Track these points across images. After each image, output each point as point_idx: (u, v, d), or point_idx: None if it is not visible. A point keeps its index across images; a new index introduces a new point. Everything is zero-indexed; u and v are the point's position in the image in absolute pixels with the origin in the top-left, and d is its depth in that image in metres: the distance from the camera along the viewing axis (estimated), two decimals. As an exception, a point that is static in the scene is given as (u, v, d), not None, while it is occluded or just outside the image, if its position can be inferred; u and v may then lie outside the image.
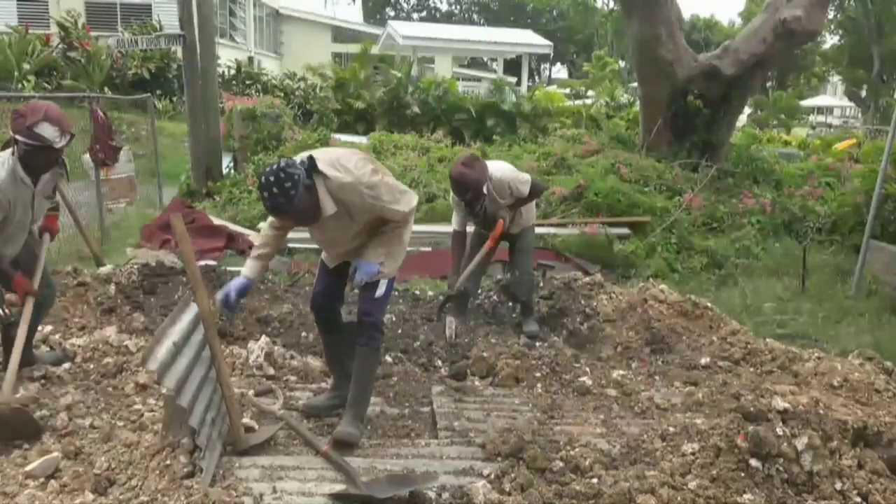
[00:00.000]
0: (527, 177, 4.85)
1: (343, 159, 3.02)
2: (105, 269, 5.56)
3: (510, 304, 5.41)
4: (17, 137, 3.25)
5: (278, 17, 29.63)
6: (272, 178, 2.80)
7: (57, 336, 4.27)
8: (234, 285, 3.13)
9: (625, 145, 11.13)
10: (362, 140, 12.23)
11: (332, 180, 2.92)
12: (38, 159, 3.33)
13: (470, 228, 4.99)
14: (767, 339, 4.81)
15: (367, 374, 3.33)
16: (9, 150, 3.37)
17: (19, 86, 13.98)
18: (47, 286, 3.78)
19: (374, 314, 3.27)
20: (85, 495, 2.63)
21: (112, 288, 5.18)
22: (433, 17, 52.32)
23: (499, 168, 4.77)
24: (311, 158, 2.92)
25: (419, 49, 22.14)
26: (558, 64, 51.74)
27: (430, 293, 5.92)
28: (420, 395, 3.83)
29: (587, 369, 4.28)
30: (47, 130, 3.25)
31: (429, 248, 7.48)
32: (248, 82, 19.08)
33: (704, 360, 4.42)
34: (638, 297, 5.13)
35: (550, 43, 25.62)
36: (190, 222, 7.39)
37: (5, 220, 3.33)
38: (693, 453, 2.88)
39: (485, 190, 4.51)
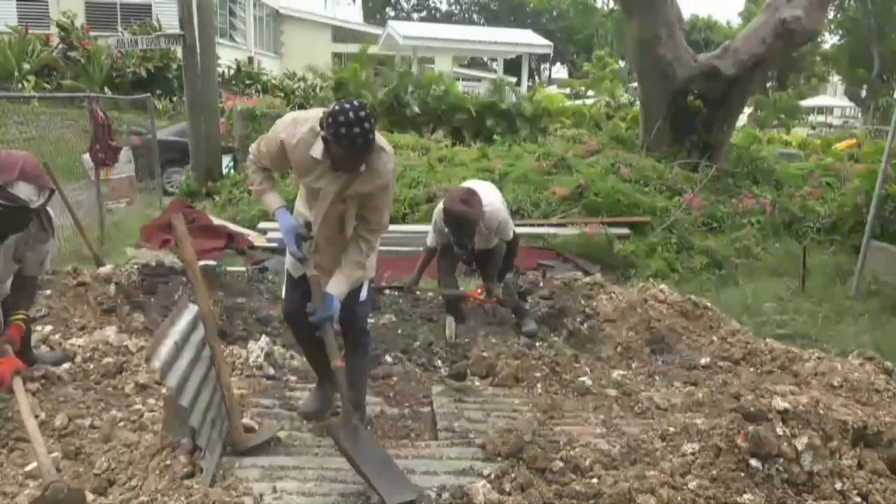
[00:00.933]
0: (510, 221, 4.81)
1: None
2: (105, 269, 5.56)
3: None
4: None
5: (278, 17, 29.63)
6: (362, 114, 2.68)
7: (57, 336, 4.27)
8: (294, 224, 3.01)
9: (625, 145, 11.14)
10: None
11: (379, 144, 2.86)
12: (8, 220, 2.96)
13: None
14: (767, 339, 4.81)
15: (363, 378, 3.38)
16: None
17: (19, 86, 13.99)
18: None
19: (360, 320, 3.25)
20: (85, 495, 2.63)
21: (112, 288, 5.17)
22: (433, 17, 52.33)
23: (491, 202, 4.61)
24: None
25: (419, 49, 22.14)
26: (558, 64, 51.74)
27: (430, 293, 5.92)
28: (420, 395, 3.83)
29: (587, 369, 4.29)
30: (24, 191, 2.86)
31: (429, 248, 7.48)
32: (248, 82, 19.10)
33: (704, 360, 4.42)
34: (638, 297, 5.13)
35: (550, 43, 25.63)
36: (190, 222, 7.39)
37: None
38: (693, 453, 2.88)
39: (478, 226, 4.48)
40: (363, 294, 3.21)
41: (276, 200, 3.10)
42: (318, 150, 2.83)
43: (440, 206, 4.64)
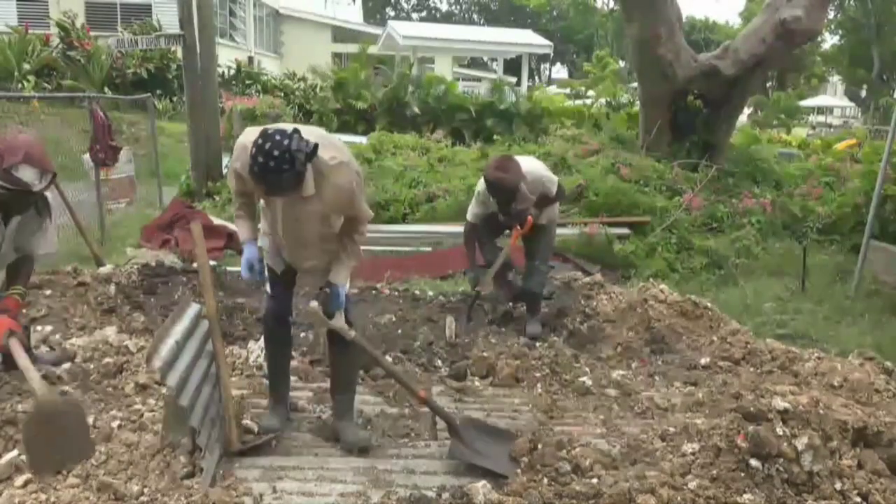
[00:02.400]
0: (555, 178, 4.93)
1: (333, 140, 2.97)
2: (105, 269, 5.57)
3: (511, 304, 5.37)
4: None
5: (278, 17, 29.62)
6: (276, 153, 2.59)
7: (57, 336, 4.27)
8: (251, 256, 3.07)
9: (625, 145, 11.13)
10: (362, 140, 12.22)
11: (322, 161, 2.78)
12: (11, 202, 3.11)
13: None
14: (767, 339, 4.80)
15: (354, 375, 3.42)
16: None
17: (19, 86, 13.99)
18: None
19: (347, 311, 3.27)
20: (85, 495, 2.63)
21: (112, 288, 5.18)
22: (433, 17, 52.35)
23: (531, 166, 4.79)
24: (315, 147, 2.72)
25: (419, 49, 22.13)
26: (558, 64, 51.79)
27: (430, 293, 5.92)
28: (420, 395, 3.83)
29: (587, 369, 4.29)
30: (27, 174, 3.01)
31: (429, 249, 7.48)
32: (248, 82, 19.08)
33: (704, 360, 4.42)
34: (638, 297, 5.13)
35: (550, 43, 25.59)
36: (189, 222, 7.39)
37: None
38: (693, 453, 2.88)
39: (519, 189, 4.54)
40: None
41: (245, 231, 3.12)
42: (310, 187, 2.82)
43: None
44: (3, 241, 3.25)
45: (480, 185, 4.78)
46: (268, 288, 3.32)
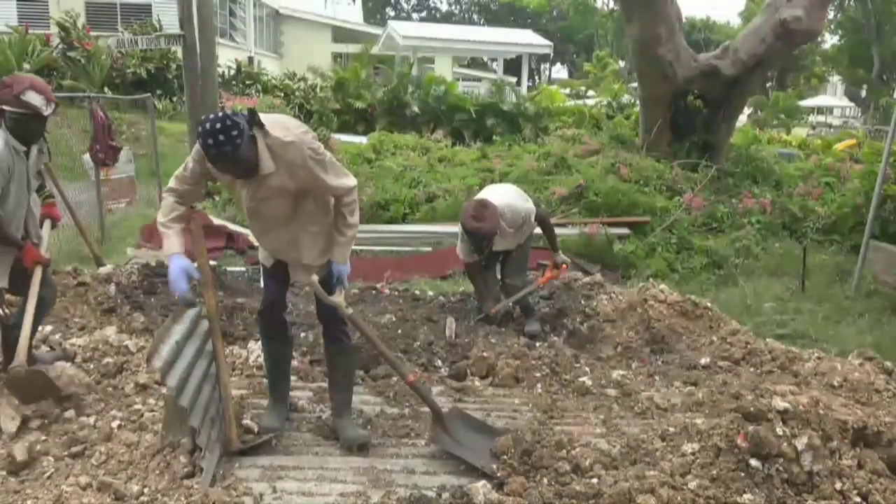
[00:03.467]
0: (532, 207, 4.95)
1: (285, 121, 2.95)
2: (105, 269, 5.56)
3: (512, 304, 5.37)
4: (5, 107, 3.27)
5: (278, 17, 29.62)
6: (218, 125, 2.65)
7: (57, 336, 4.27)
8: (179, 276, 2.95)
9: (625, 145, 11.13)
10: (362, 140, 12.23)
11: (274, 138, 2.81)
12: (26, 128, 3.36)
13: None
14: (767, 339, 4.80)
15: (352, 374, 3.41)
16: None
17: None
18: (47, 285, 3.73)
19: (339, 319, 3.25)
20: (85, 495, 2.63)
21: (112, 288, 5.17)
22: (433, 17, 52.37)
23: (508, 199, 4.81)
24: (251, 112, 2.80)
25: (419, 49, 22.14)
26: (558, 64, 51.80)
27: (430, 293, 5.92)
28: (420, 395, 3.82)
29: (587, 369, 4.28)
30: (35, 98, 3.29)
31: (429, 249, 7.49)
32: (248, 82, 19.07)
33: (704, 360, 4.42)
34: (638, 297, 5.13)
35: (550, 43, 25.61)
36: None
37: (4, 193, 3.33)
38: (693, 453, 2.88)
39: (497, 231, 4.63)
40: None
41: (173, 245, 3.04)
42: (268, 164, 2.83)
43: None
44: (29, 173, 3.48)
45: (461, 226, 4.82)
46: (262, 284, 3.35)
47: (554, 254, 5.18)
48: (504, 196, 4.87)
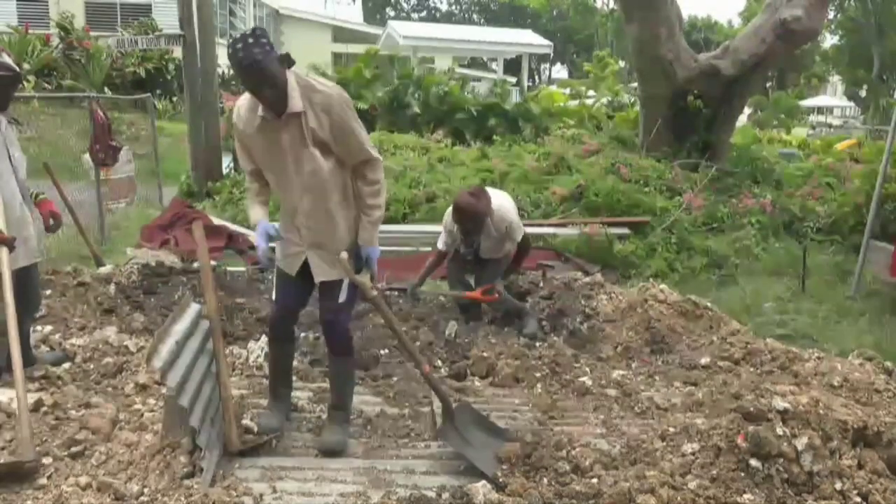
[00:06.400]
0: (521, 226, 4.94)
1: (318, 78, 3.05)
2: (105, 269, 5.57)
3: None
4: None
5: (278, 17, 29.63)
6: (248, 33, 2.75)
7: (57, 336, 4.27)
8: (268, 226, 3.01)
9: (625, 145, 11.13)
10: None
11: (306, 81, 2.88)
12: (5, 87, 3.43)
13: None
14: (767, 339, 4.80)
15: (351, 380, 3.37)
16: None
17: (19, 86, 13.97)
18: (32, 289, 3.65)
19: (341, 323, 3.21)
20: (85, 495, 2.63)
21: (112, 288, 5.18)
22: (433, 17, 52.36)
23: (502, 203, 4.82)
24: (285, 53, 2.86)
25: (419, 49, 22.14)
26: (558, 64, 51.79)
27: (431, 293, 5.91)
28: (420, 395, 3.82)
29: (587, 369, 4.28)
30: (8, 59, 3.44)
31: (429, 249, 7.47)
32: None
33: (704, 360, 4.42)
34: (638, 297, 5.13)
35: (550, 43, 25.64)
36: (189, 222, 7.39)
37: None
38: (693, 453, 2.88)
39: (485, 222, 4.59)
40: (343, 295, 3.12)
41: (258, 214, 3.10)
42: (297, 103, 2.84)
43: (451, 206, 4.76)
44: (7, 143, 3.48)
45: (447, 213, 4.81)
46: (272, 295, 3.27)
47: (497, 282, 4.96)
48: (499, 198, 4.87)
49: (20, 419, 2.92)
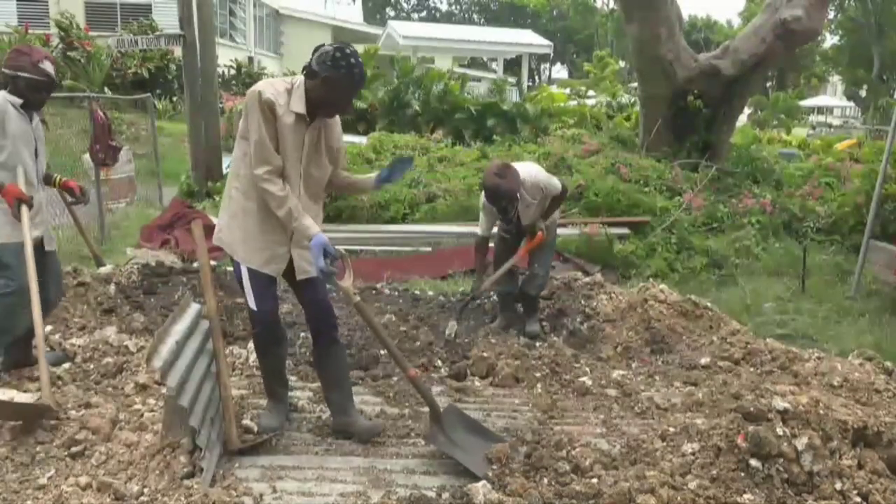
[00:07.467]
0: (554, 179, 4.92)
1: None
2: (105, 269, 5.57)
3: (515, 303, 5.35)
4: (22, 73, 3.53)
5: (278, 17, 29.64)
6: (356, 52, 2.98)
7: (57, 336, 4.28)
8: (318, 252, 2.91)
9: (625, 145, 11.12)
10: (362, 140, 12.22)
11: None
12: (37, 94, 3.63)
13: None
14: (767, 339, 4.80)
15: (345, 373, 3.41)
16: None
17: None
18: (56, 284, 3.88)
19: (331, 316, 3.30)
20: (85, 495, 2.63)
21: (112, 288, 5.18)
22: (433, 17, 52.40)
23: (529, 171, 4.78)
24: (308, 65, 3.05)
25: (419, 49, 22.15)
26: (558, 64, 51.83)
27: (431, 293, 5.92)
28: (419, 395, 3.82)
29: (587, 369, 4.29)
30: (50, 67, 3.62)
31: (429, 249, 7.48)
32: (248, 82, 19.08)
33: (704, 360, 4.42)
34: (638, 297, 5.13)
35: (550, 43, 25.65)
36: (189, 222, 7.39)
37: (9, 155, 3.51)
38: (693, 453, 2.88)
39: (518, 196, 4.55)
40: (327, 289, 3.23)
41: (314, 226, 2.97)
42: (299, 104, 2.95)
43: None
44: (35, 137, 3.71)
45: (482, 197, 4.76)
46: (253, 304, 3.12)
47: (541, 220, 4.89)
48: (527, 168, 4.84)
49: (39, 366, 3.33)
